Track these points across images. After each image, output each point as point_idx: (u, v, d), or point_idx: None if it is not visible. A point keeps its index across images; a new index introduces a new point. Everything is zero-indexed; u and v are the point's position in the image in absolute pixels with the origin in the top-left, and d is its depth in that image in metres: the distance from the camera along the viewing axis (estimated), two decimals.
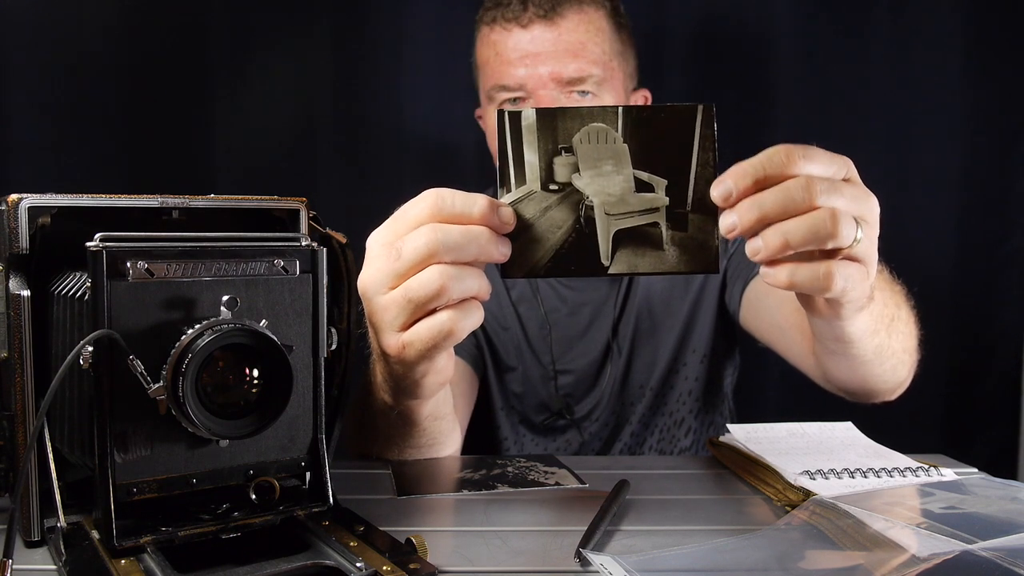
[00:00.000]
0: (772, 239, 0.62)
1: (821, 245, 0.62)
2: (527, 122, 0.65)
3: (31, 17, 1.56)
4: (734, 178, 0.62)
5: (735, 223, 0.62)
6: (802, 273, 0.63)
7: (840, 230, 0.61)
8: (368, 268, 0.68)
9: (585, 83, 1.15)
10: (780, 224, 0.62)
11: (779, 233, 0.61)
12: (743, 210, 0.62)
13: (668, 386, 1.30)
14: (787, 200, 0.61)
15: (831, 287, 0.63)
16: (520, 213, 0.65)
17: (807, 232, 0.61)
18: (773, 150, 0.63)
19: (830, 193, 0.61)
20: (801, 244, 0.61)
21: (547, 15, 1.14)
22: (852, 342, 0.80)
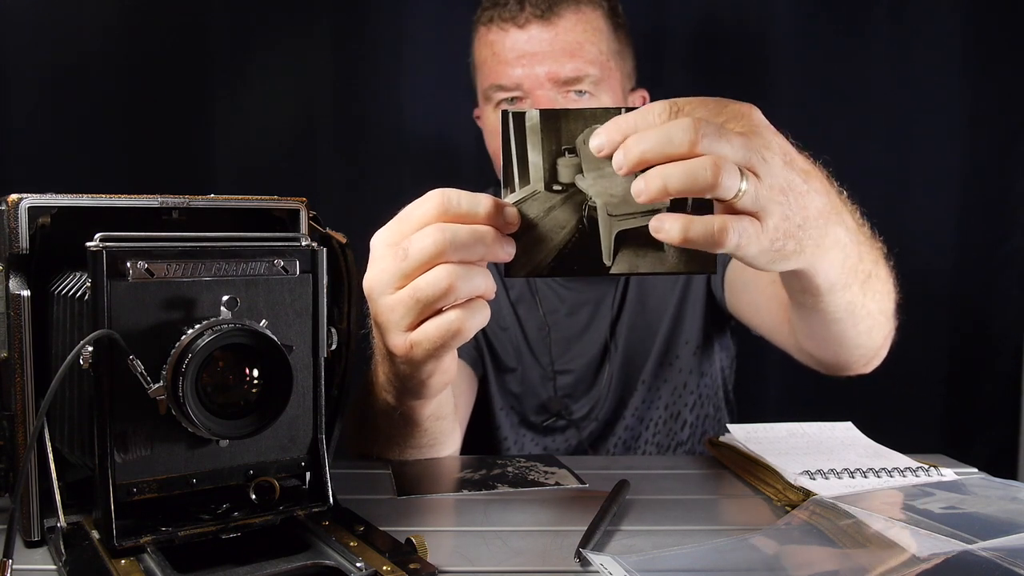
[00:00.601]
0: (652, 181, 0.60)
1: (700, 194, 0.60)
2: (531, 123, 0.65)
3: (31, 17, 1.56)
4: (607, 131, 0.62)
5: (620, 163, 0.61)
6: (696, 228, 0.61)
7: (721, 179, 0.59)
8: (373, 268, 0.68)
9: (582, 83, 1.15)
10: (660, 167, 0.60)
11: (658, 176, 0.60)
12: (628, 147, 0.61)
13: (661, 379, 1.30)
14: (666, 141, 0.60)
15: (724, 242, 0.61)
16: (524, 213, 0.65)
17: (685, 177, 0.59)
18: (649, 107, 0.62)
19: (713, 139, 0.59)
20: (679, 190, 0.60)
21: (544, 15, 1.15)
22: (821, 293, 0.78)
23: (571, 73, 1.14)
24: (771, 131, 0.64)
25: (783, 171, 0.63)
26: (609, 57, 1.18)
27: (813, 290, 0.77)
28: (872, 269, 0.82)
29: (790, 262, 0.67)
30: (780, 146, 0.64)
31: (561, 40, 1.15)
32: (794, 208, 0.64)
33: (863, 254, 0.79)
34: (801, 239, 0.65)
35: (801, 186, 0.64)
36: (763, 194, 0.61)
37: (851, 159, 1.66)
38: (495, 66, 1.18)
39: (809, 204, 0.65)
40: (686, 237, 0.60)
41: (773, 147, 0.63)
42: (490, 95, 1.20)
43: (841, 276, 0.76)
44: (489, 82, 1.20)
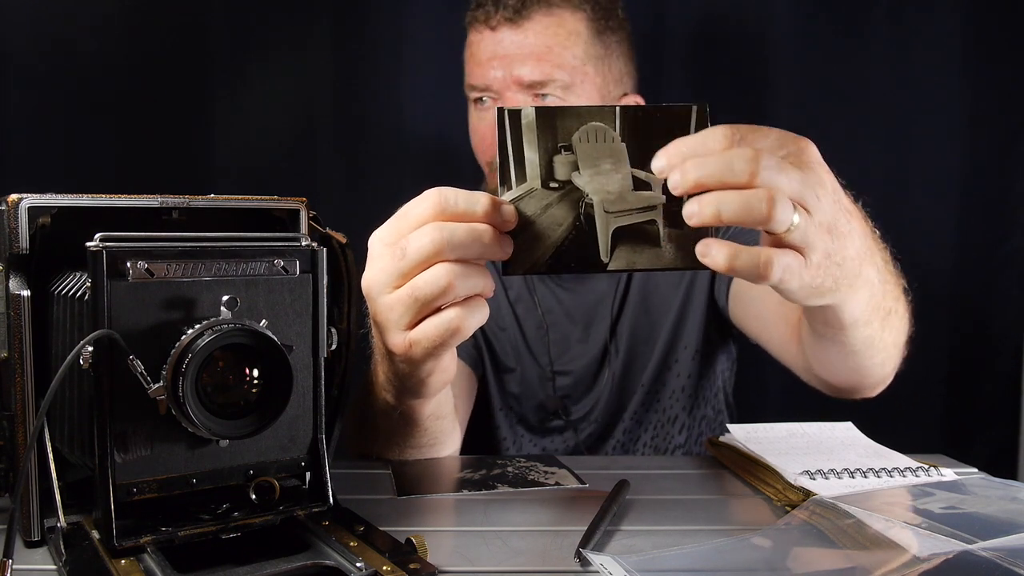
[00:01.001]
0: (706, 208, 0.61)
1: (754, 225, 0.61)
2: (527, 120, 0.65)
3: (31, 17, 1.56)
4: (667, 156, 0.62)
5: (676, 182, 0.61)
6: (743, 258, 0.61)
7: (775, 213, 0.60)
8: (371, 268, 0.68)
9: (547, 87, 1.15)
10: (716, 194, 0.61)
11: (713, 203, 0.60)
12: (686, 169, 0.61)
13: (660, 383, 1.30)
14: (726, 169, 0.60)
15: (769, 275, 0.62)
16: (521, 211, 0.65)
17: (740, 208, 0.60)
18: (712, 131, 0.62)
19: (772, 172, 0.60)
20: (732, 220, 0.60)
21: (513, 18, 1.15)
22: (844, 327, 0.78)
23: (536, 77, 1.15)
24: (824, 168, 0.65)
25: (832, 210, 0.64)
26: (586, 62, 1.17)
27: (836, 324, 0.78)
28: (893, 305, 0.83)
29: (824, 299, 0.68)
30: (832, 184, 0.64)
31: (529, 43, 1.15)
32: (836, 247, 0.65)
33: (887, 292, 0.80)
34: (838, 277, 0.66)
35: (845, 226, 0.65)
36: (812, 231, 0.62)
37: (851, 159, 1.66)
38: (471, 66, 1.21)
39: (849, 244, 0.66)
40: (732, 266, 0.61)
41: (826, 185, 0.63)
42: (468, 94, 1.24)
43: (865, 313, 0.77)
44: (466, 81, 1.23)
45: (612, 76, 1.22)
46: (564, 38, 1.16)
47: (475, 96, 1.22)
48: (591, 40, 1.18)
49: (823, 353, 0.92)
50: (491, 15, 1.16)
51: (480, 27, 1.18)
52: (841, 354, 0.87)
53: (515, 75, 1.15)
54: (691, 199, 0.62)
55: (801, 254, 0.63)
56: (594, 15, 1.19)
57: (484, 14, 1.17)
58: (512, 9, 1.15)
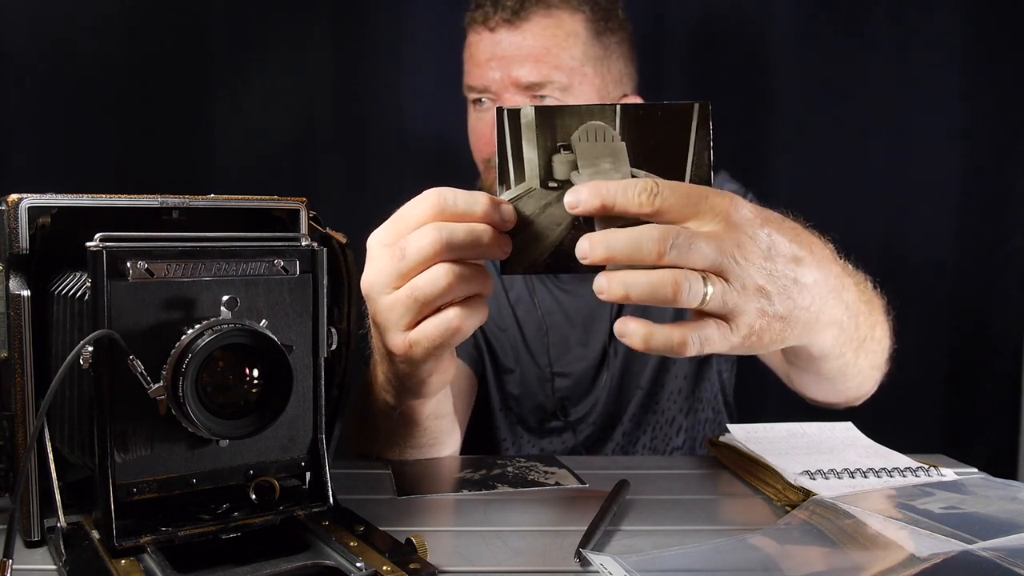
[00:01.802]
0: (615, 288, 0.62)
1: (663, 304, 0.62)
2: (526, 120, 0.65)
3: (31, 17, 1.56)
4: (587, 193, 0.62)
5: (585, 251, 0.62)
6: (657, 338, 0.63)
7: (681, 295, 0.60)
8: (371, 268, 0.68)
9: (544, 88, 1.15)
10: (624, 275, 0.62)
11: (621, 284, 0.62)
12: (595, 242, 0.62)
13: (659, 385, 1.30)
14: (634, 248, 0.61)
15: (684, 352, 0.63)
16: (520, 210, 0.65)
17: (647, 290, 0.61)
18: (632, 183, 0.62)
19: (681, 250, 0.60)
20: (641, 300, 0.61)
21: (511, 19, 1.15)
22: (813, 360, 0.79)
23: (534, 78, 1.15)
24: (753, 225, 0.63)
25: (761, 268, 0.63)
26: (584, 63, 1.17)
27: (807, 357, 0.79)
28: (869, 333, 0.82)
29: (773, 347, 0.68)
30: (760, 240, 0.63)
31: (528, 45, 1.15)
32: (776, 301, 0.64)
33: (860, 323, 0.79)
34: (782, 329, 0.66)
35: (785, 278, 0.64)
36: (732, 297, 0.62)
37: (851, 159, 1.67)
38: (470, 67, 1.21)
39: (796, 295, 0.65)
40: (648, 346, 0.63)
41: (747, 246, 0.62)
42: (467, 94, 1.24)
43: (835, 348, 0.77)
44: (465, 82, 1.23)
45: (611, 77, 1.21)
46: (562, 39, 1.16)
47: (474, 97, 1.22)
48: (590, 41, 1.18)
49: (799, 377, 0.94)
50: (490, 16, 1.16)
51: (479, 28, 1.18)
52: (815, 380, 0.89)
53: (513, 76, 1.15)
54: (601, 274, 0.63)
55: (726, 320, 0.63)
56: (593, 16, 1.19)
57: (483, 15, 1.17)
58: (510, 10, 1.15)
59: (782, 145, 1.65)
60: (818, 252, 0.69)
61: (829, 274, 0.69)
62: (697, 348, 0.63)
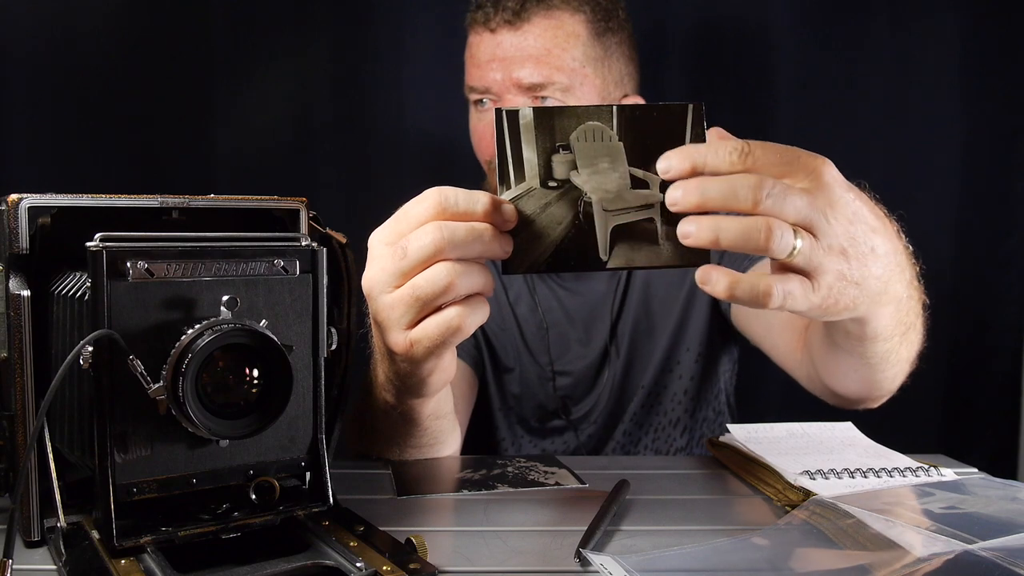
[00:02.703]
0: (704, 233, 0.62)
1: (752, 252, 0.61)
2: (525, 120, 0.65)
3: (31, 17, 1.56)
4: (678, 158, 0.63)
5: (676, 199, 0.62)
6: (743, 287, 0.62)
7: (772, 243, 0.60)
8: (372, 267, 0.68)
9: (546, 89, 1.15)
10: (715, 220, 0.61)
11: (711, 229, 0.61)
12: (688, 189, 0.62)
13: (662, 385, 1.30)
14: (730, 195, 0.61)
15: (768, 303, 0.62)
16: (520, 210, 0.66)
17: (738, 237, 0.61)
18: (723, 143, 0.62)
19: (775, 199, 0.60)
20: (729, 247, 0.61)
21: (512, 21, 1.15)
22: (865, 340, 0.79)
23: (536, 79, 1.15)
24: (842, 187, 0.64)
25: (845, 230, 0.63)
26: (585, 64, 1.17)
27: (858, 336, 0.78)
28: (914, 321, 0.83)
29: (842, 315, 0.68)
30: (848, 204, 0.64)
31: (529, 46, 1.15)
32: (853, 266, 0.64)
33: (911, 308, 0.80)
34: (856, 296, 0.66)
35: (864, 245, 0.65)
36: (818, 255, 0.62)
37: (851, 159, 1.67)
38: (471, 68, 1.21)
39: (872, 263, 0.66)
40: (732, 294, 0.62)
41: (838, 206, 0.63)
42: (468, 95, 1.24)
43: (888, 328, 0.77)
44: (466, 83, 1.23)
45: (612, 78, 1.21)
46: (563, 40, 1.16)
47: (475, 98, 1.22)
48: (590, 42, 1.18)
49: (836, 363, 0.92)
50: (490, 17, 1.16)
51: (480, 29, 1.18)
52: (855, 366, 0.87)
53: (514, 77, 1.15)
54: (688, 218, 0.62)
55: (808, 277, 0.63)
56: (594, 17, 1.18)
57: (484, 16, 1.17)
58: (511, 11, 1.15)
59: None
60: (889, 226, 0.70)
61: (898, 249, 0.70)
62: (780, 300, 0.62)
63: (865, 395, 0.96)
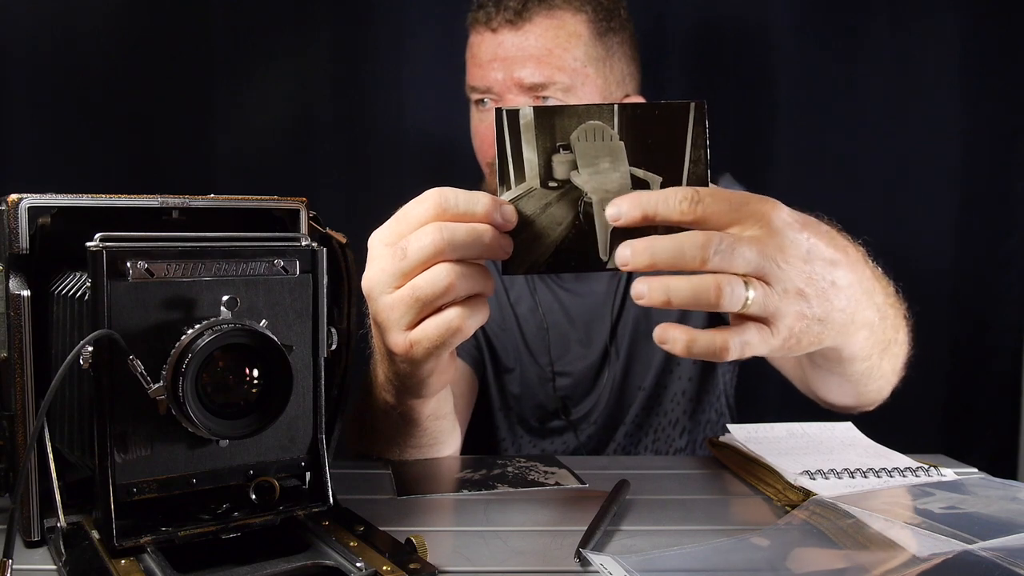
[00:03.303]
0: (656, 295, 0.62)
1: (705, 309, 0.62)
2: (525, 120, 0.65)
3: (31, 17, 1.56)
4: (628, 205, 0.63)
5: (627, 258, 0.63)
6: (700, 344, 0.63)
7: (723, 299, 0.61)
8: (372, 268, 0.68)
9: (548, 89, 1.15)
10: (666, 281, 0.62)
11: (663, 291, 0.62)
12: (638, 250, 0.62)
13: (661, 386, 1.30)
14: (678, 254, 0.62)
15: (726, 356, 0.63)
16: (521, 210, 0.66)
17: (689, 296, 0.62)
18: (673, 192, 0.63)
19: (724, 255, 0.61)
20: (683, 306, 0.62)
21: (514, 20, 1.15)
22: (841, 362, 0.79)
23: (537, 79, 1.14)
24: (793, 229, 0.64)
25: (800, 271, 0.63)
26: (586, 64, 1.17)
27: (836, 360, 0.79)
28: (893, 336, 0.83)
29: (811, 348, 0.68)
30: (800, 244, 0.64)
31: (531, 46, 1.15)
32: (814, 304, 0.65)
33: (888, 326, 0.80)
34: (820, 331, 0.66)
35: (823, 281, 0.65)
36: (773, 301, 0.63)
37: (851, 159, 1.67)
38: (472, 68, 1.21)
39: (833, 297, 0.66)
40: (690, 351, 0.63)
41: (790, 249, 0.63)
42: (469, 95, 1.24)
43: (864, 350, 0.77)
44: (467, 83, 1.23)
45: (614, 77, 1.21)
46: (564, 40, 1.16)
47: (476, 97, 1.22)
48: (592, 42, 1.18)
49: (821, 379, 0.93)
50: (492, 17, 1.16)
51: (481, 28, 1.18)
52: (839, 382, 0.89)
53: (515, 77, 1.15)
54: (641, 279, 0.63)
55: (766, 324, 0.64)
56: (596, 16, 1.18)
57: (485, 15, 1.17)
58: (512, 11, 1.15)
59: (782, 145, 1.65)
60: (852, 255, 0.70)
61: (863, 276, 0.70)
62: (739, 352, 0.63)
63: (854, 405, 0.98)
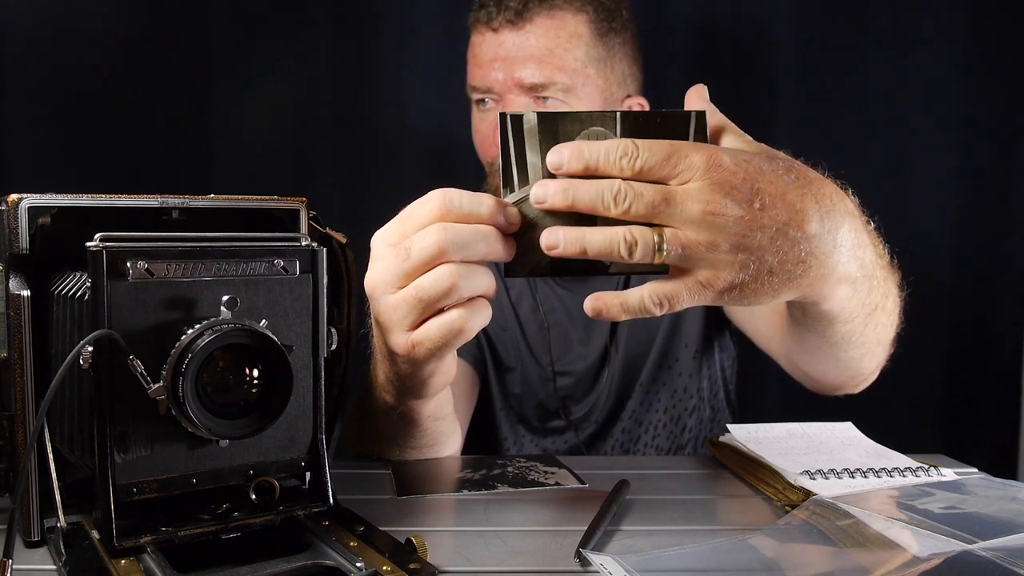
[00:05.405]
0: (571, 245, 0.63)
1: (616, 260, 0.63)
2: (528, 125, 0.66)
3: (31, 17, 1.56)
4: (570, 154, 0.63)
5: (544, 197, 0.63)
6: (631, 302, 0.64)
7: (635, 252, 0.62)
8: (375, 268, 0.68)
9: (548, 90, 1.15)
10: (580, 232, 0.63)
11: (578, 241, 0.62)
12: (556, 191, 0.62)
13: (660, 382, 1.30)
14: (595, 201, 0.62)
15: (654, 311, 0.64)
16: (523, 213, 0.66)
17: (602, 247, 0.62)
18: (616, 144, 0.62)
19: (639, 205, 0.61)
20: (597, 256, 0.63)
21: (514, 20, 1.15)
22: (821, 319, 0.77)
23: (537, 79, 1.15)
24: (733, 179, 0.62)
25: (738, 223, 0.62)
26: (587, 64, 1.17)
27: (815, 316, 0.77)
28: (880, 302, 0.81)
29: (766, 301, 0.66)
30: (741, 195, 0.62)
31: (531, 46, 1.15)
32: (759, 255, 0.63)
33: (874, 288, 0.77)
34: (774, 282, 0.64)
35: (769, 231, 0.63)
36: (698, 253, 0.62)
37: (851, 159, 1.67)
38: (473, 68, 1.21)
39: (786, 247, 0.63)
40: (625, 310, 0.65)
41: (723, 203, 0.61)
42: (470, 95, 1.24)
43: (845, 310, 0.75)
44: (468, 83, 1.23)
45: (615, 78, 1.21)
46: (565, 40, 1.16)
47: (477, 97, 1.22)
48: (593, 42, 1.18)
49: (801, 342, 0.91)
50: (493, 17, 1.16)
51: (482, 28, 1.18)
52: (817, 344, 0.86)
53: (516, 77, 1.15)
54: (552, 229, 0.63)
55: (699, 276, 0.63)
56: (597, 17, 1.18)
57: (486, 15, 1.17)
58: (513, 11, 1.15)
59: (782, 145, 1.65)
60: (828, 204, 0.66)
61: (840, 227, 0.67)
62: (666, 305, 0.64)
63: (836, 377, 0.95)
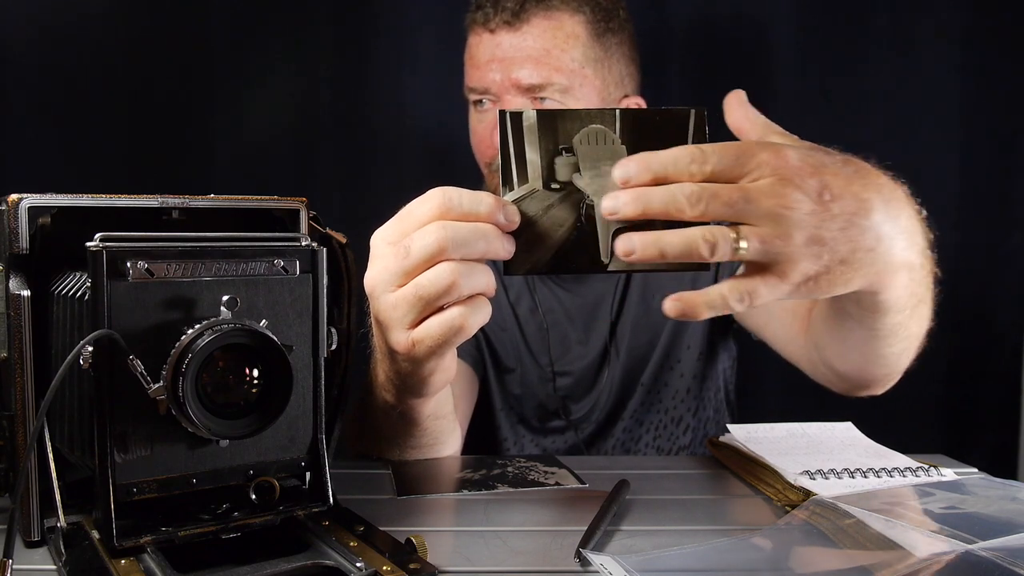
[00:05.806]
0: (648, 249, 0.62)
1: (697, 260, 0.62)
2: (528, 123, 0.66)
3: (31, 17, 1.56)
4: (637, 168, 0.63)
5: (616, 208, 0.62)
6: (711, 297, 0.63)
7: (716, 250, 0.61)
8: (374, 266, 0.68)
9: (545, 90, 1.15)
10: (657, 236, 0.62)
11: (654, 245, 0.62)
12: (628, 200, 0.62)
13: (662, 383, 1.29)
14: (668, 206, 0.61)
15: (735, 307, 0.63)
16: (523, 211, 0.66)
17: (681, 249, 0.62)
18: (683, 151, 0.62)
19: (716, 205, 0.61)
20: (676, 259, 0.62)
21: (511, 21, 1.15)
22: (877, 311, 0.77)
23: (535, 80, 1.14)
24: (803, 173, 0.62)
25: (812, 215, 0.62)
26: (585, 65, 1.17)
27: (871, 307, 0.76)
28: (925, 294, 0.81)
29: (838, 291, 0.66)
30: (811, 189, 0.62)
31: (528, 47, 1.15)
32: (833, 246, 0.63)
33: (923, 279, 0.78)
34: (846, 272, 0.65)
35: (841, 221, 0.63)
36: (775, 247, 0.62)
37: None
38: (470, 69, 1.21)
39: (857, 236, 0.64)
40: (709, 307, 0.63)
41: (796, 197, 0.62)
42: (467, 96, 1.23)
43: (900, 299, 0.75)
44: (465, 84, 1.23)
45: (612, 78, 1.21)
46: (562, 41, 1.16)
47: (474, 98, 1.22)
48: (590, 43, 1.18)
49: (842, 338, 0.89)
50: (490, 18, 1.16)
51: (479, 29, 1.18)
52: (864, 339, 0.85)
53: (513, 78, 1.15)
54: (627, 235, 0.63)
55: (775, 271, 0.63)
56: (594, 17, 1.18)
57: (483, 16, 1.17)
58: (510, 12, 1.15)
59: None
60: (888, 193, 0.68)
61: (900, 215, 0.69)
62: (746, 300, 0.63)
63: (869, 374, 0.94)
